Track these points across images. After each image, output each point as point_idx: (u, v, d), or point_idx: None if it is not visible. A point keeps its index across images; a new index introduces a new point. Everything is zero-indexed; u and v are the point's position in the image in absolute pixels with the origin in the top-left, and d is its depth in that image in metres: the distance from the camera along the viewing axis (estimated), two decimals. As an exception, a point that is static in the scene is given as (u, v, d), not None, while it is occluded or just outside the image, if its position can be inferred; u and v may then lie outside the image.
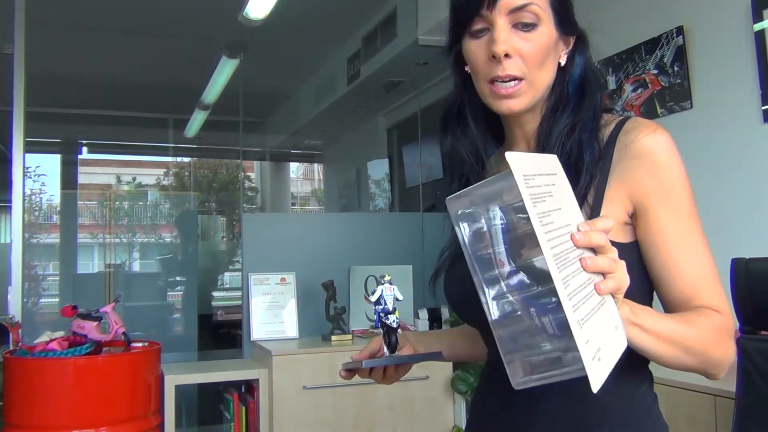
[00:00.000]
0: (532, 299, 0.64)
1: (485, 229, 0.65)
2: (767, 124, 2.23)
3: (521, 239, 0.63)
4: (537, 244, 0.60)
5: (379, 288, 1.01)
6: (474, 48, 0.94)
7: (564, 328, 0.61)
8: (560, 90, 0.97)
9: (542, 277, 0.62)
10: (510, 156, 0.62)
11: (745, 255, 1.68)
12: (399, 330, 1.01)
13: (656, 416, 0.94)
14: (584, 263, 0.66)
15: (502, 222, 0.64)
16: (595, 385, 0.61)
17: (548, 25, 0.92)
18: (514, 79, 0.92)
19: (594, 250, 0.69)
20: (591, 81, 0.98)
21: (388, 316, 1.00)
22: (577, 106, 0.96)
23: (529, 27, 0.91)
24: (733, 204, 2.30)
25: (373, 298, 1.01)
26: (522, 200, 0.61)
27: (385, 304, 1.00)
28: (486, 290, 0.66)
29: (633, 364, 0.93)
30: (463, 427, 2.84)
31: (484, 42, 0.93)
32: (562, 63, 0.97)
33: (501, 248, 0.64)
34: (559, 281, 0.60)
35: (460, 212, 0.66)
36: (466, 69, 0.98)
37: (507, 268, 0.65)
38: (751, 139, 2.29)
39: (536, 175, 0.65)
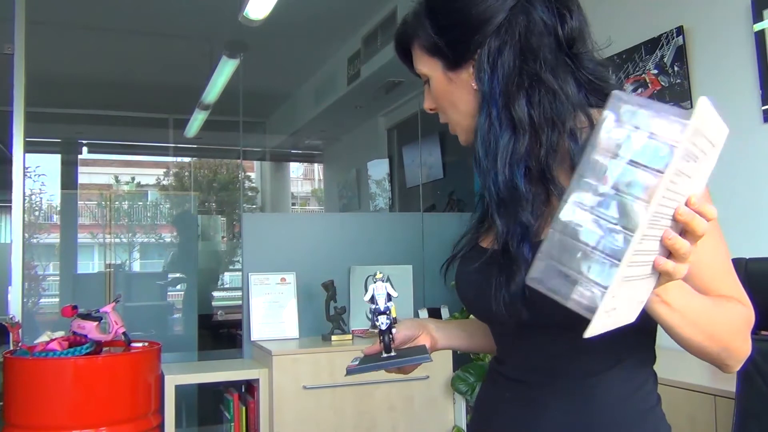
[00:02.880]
0: (604, 228, 0.62)
1: (620, 140, 0.63)
2: (767, 124, 2.23)
3: (640, 176, 0.61)
4: (650, 191, 0.60)
5: (371, 287, 1.01)
6: None
7: (595, 268, 0.61)
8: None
9: (627, 219, 0.61)
10: (704, 102, 0.62)
11: (745, 255, 1.68)
12: (393, 330, 1.01)
13: (659, 416, 0.94)
14: (666, 235, 0.65)
15: (637, 148, 0.61)
16: (589, 332, 0.62)
17: (434, 75, 1.01)
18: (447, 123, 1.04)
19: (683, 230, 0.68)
20: (489, 99, 0.93)
21: (378, 317, 0.99)
22: (481, 127, 0.93)
23: (428, 85, 1.03)
24: (733, 204, 2.30)
25: (366, 297, 1.00)
26: (675, 146, 0.60)
27: (377, 303, 0.99)
28: (575, 191, 0.63)
29: (638, 363, 0.93)
30: (464, 427, 2.85)
31: None
32: (475, 86, 0.95)
33: (618, 167, 0.62)
34: (639, 236, 0.60)
35: (622, 109, 0.63)
36: None
37: (604, 189, 0.62)
38: (751, 139, 2.29)
39: (703, 137, 0.64)
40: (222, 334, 4.74)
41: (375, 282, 1.01)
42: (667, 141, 0.60)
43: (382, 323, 0.99)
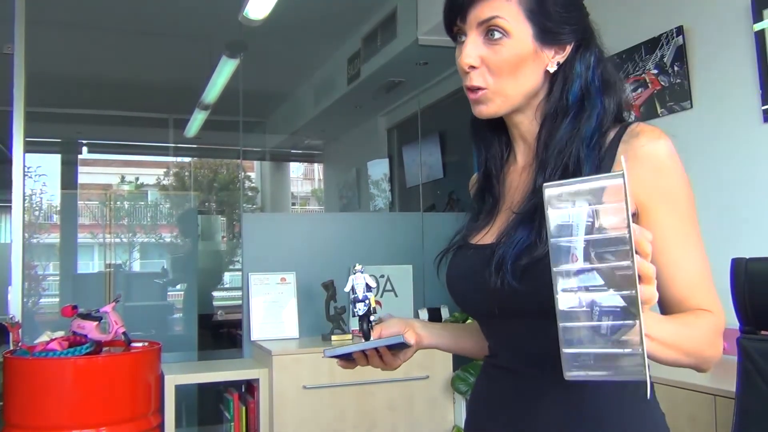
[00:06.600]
0: (598, 300, 0.64)
1: (569, 221, 0.65)
2: (767, 124, 2.23)
3: (606, 242, 0.63)
4: (627, 252, 0.62)
5: (350, 278, 1.06)
6: (457, 53, 1.00)
7: (617, 333, 0.63)
8: (559, 96, 0.98)
9: (619, 283, 0.63)
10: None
11: (745, 255, 1.68)
12: (372, 317, 1.05)
13: (653, 404, 0.95)
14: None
15: (588, 219, 0.64)
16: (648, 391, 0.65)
17: (520, 37, 0.95)
18: (479, 88, 0.97)
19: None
20: (593, 93, 0.97)
21: (356, 304, 1.04)
22: (577, 116, 0.96)
23: (496, 39, 0.95)
24: (733, 204, 2.30)
25: (347, 288, 1.06)
26: (624, 204, 0.62)
27: (356, 293, 1.04)
28: (558, 281, 0.66)
29: None
30: (463, 427, 2.85)
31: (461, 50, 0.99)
32: (551, 70, 0.98)
33: (579, 244, 0.65)
34: (639, 291, 0.62)
35: (552, 198, 0.66)
36: None
37: (579, 265, 0.65)
38: (751, 139, 2.29)
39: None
40: (222, 334, 4.73)
41: (354, 273, 1.05)
42: (611, 201, 0.63)
43: (360, 309, 1.04)
